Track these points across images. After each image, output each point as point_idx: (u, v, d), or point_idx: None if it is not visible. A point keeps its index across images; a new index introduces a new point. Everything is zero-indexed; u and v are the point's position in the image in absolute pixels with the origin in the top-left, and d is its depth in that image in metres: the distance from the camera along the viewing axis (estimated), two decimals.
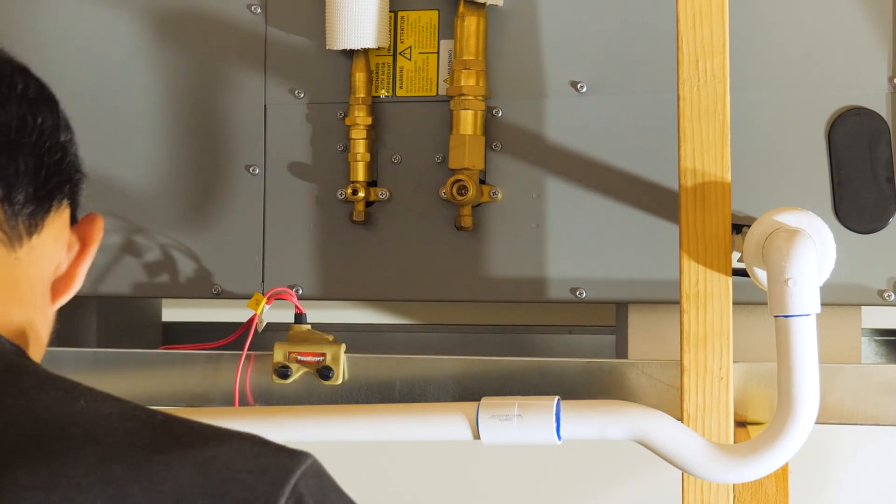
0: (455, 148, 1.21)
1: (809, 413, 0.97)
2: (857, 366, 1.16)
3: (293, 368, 1.20)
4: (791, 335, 0.97)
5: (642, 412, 0.99)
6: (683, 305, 1.04)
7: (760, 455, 0.97)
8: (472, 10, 1.22)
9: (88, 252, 0.75)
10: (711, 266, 1.04)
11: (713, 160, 1.03)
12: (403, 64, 1.26)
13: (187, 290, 1.30)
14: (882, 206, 1.15)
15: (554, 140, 1.23)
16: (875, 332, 1.46)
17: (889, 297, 1.16)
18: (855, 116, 1.16)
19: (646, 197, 1.20)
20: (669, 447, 0.98)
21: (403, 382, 1.22)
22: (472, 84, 1.20)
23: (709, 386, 1.03)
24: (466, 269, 1.25)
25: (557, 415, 1.00)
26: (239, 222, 1.29)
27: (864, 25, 1.17)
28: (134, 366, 1.28)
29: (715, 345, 1.03)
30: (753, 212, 1.12)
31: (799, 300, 0.97)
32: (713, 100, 1.03)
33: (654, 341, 1.26)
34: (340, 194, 1.27)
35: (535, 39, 1.23)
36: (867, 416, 1.15)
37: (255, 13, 1.29)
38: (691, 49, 1.04)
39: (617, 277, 1.21)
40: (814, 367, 0.97)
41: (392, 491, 1.66)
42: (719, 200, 1.04)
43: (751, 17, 1.18)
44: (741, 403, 1.15)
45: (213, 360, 1.25)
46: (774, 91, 1.18)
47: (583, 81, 1.22)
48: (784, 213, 1.02)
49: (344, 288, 1.28)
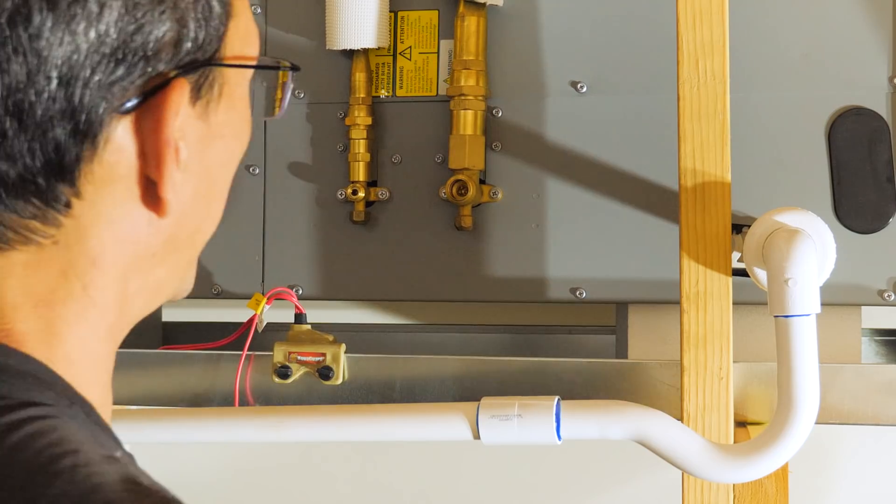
0: (455, 148, 1.21)
1: (809, 413, 0.97)
2: (857, 366, 1.16)
3: (293, 368, 1.20)
4: (791, 335, 0.97)
5: (642, 412, 0.99)
6: (683, 305, 1.04)
7: (760, 455, 0.97)
8: (472, 10, 1.22)
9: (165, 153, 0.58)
10: (711, 266, 1.04)
11: (713, 160, 1.03)
12: (403, 64, 1.26)
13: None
14: (882, 206, 1.15)
15: (554, 140, 1.23)
16: (875, 332, 1.46)
17: (889, 297, 1.16)
18: (855, 116, 1.16)
19: (646, 197, 1.20)
20: (669, 447, 0.98)
21: (403, 382, 1.22)
22: (472, 84, 1.20)
23: (709, 386, 1.03)
24: (466, 269, 1.25)
25: (557, 415, 1.00)
26: (239, 222, 1.29)
27: (864, 25, 1.17)
28: (134, 366, 1.28)
29: (715, 345, 1.03)
30: (753, 212, 1.12)
31: (799, 300, 0.97)
32: (713, 100, 1.03)
33: (654, 341, 1.26)
34: (340, 194, 1.27)
35: (535, 39, 1.23)
36: (867, 416, 1.15)
37: (255, 13, 1.29)
38: (691, 49, 1.04)
39: (617, 277, 1.21)
40: (814, 367, 0.97)
41: (392, 491, 1.66)
42: (719, 200, 1.04)
43: (751, 17, 1.18)
44: (741, 403, 1.15)
45: (213, 360, 1.25)
46: (774, 91, 1.18)
47: (583, 81, 1.22)
48: (784, 213, 1.02)
49: (344, 288, 1.28)
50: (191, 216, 0.63)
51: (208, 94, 0.61)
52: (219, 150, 0.63)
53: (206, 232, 0.66)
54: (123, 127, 0.58)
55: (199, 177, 0.62)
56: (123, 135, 0.58)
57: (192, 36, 0.59)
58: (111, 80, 0.56)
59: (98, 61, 0.56)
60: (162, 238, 0.62)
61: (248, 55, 0.64)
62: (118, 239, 0.60)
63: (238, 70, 0.64)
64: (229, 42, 0.62)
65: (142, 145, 0.58)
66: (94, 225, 0.59)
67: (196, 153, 0.61)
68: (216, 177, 0.64)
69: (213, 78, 0.61)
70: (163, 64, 0.58)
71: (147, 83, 0.58)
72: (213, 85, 0.61)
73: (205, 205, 0.64)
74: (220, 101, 0.62)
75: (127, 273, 0.61)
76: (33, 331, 0.58)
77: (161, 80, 0.58)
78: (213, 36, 0.60)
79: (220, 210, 0.66)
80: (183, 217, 0.62)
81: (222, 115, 0.63)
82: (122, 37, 0.56)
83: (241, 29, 0.63)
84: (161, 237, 0.62)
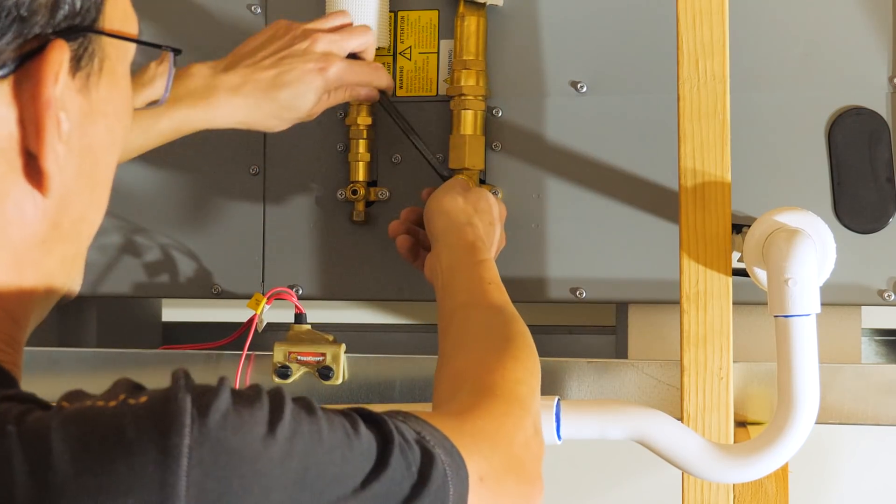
0: (455, 148, 1.21)
1: (809, 413, 0.97)
2: (857, 366, 1.16)
3: (293, 368, 1.20)
4: (791, 335, 0.97)
5: (642, 412, 0.99)
6: (683, 305, 1.04)
7: (760, 455, 0.97)
8: (472, 10, 1.22)
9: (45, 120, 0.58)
10: (711, 266, 1.04)
11: (713, 160, 1.03)
12: (403, 64, 1.26)
13: (187, 290, 1.30)
14: (882, 206, 1.15)
15: (554, 140, 1.23)
16: (875, 332, 1.46)
17: (889, 297, 1.16)
18: (855, 116, 1.16)
19: (646, 197, 1.20)
20: (669, 447, 0.98)
21: (403, 382, 1.22)
22: (472, 84, 1.20)
23: (709, 386, 1.03)
24: None
25: (557, 415, 1.00)
26: (239, 222, 1.29)
27: (864, 25, 1.17)
28: (134, 366, 1.28)
29: (715, 345, 1.03)
30: (753, 212, 1.12)
31: (799, 300, 0.97)
32: (713, 100, 1.03)
33: (654, 341, 1.26)
34: (340, 194, 1.27)
35: (535, 39, 1.23)
36: (867, 416, 1.15)
37: (255, 13, 1.29)
38: (691, 49, 1.04)
39: (617, 277, 1.21)
40: (814, 367, 0.97)
41: None
42: (719, 200, 1.04)
43: (751, 17, 1.18)
44: (741, 403, 1.15)
45: (213, 360, 1.25)
46: (774, 91, 1.18)
47: (583, 81, 1.22)
48: (784, 213, 1.02)
49: (344, 288, 1.28)
50: (75, 200, 0.62)
51: (88, 67, 0.60)
52: (101, 129, 0.63)
53: (91, 222, 0.65)
54: (0, 93, 0.57)
55: (81, 155, 0.61)
56: (0, 102, 0.57)
57: (69, 0, 0.58)
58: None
59: None
60: (48, 222, 0.61)
61: (128, 32, 0.64)
62: (5, 219, 0.59)
63: (118, 46, 0.63)
64: (108, 17, 0.62)
65: (21, 114, 0.57)
66: None
67: (77, 128, 0.60)
68: (99, 159, 0.64)
69: (94, 50, 0.61)
70: (38, 27, 0.57)
71: (23, 46, 0.57)
72: (94, 57, 0.61)
73: (88, 188, 0.63)
74: (100, 76, 0.62)
75: (20, 259, 0.60)
76: None
77: (38, 44, 0.57)
78: (90, 5, 0.60)
79: (104, 198, 0.66)
80: (66, 200, 0.61)
81: (104, 92, 0.62)
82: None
83: (119, 7, 0.63)
84: (47, 221, 0.61)
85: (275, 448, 0.53)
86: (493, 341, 0.90)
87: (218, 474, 0.51)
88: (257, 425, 0.53)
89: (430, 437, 0.65)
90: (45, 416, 0.51)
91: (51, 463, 0.50)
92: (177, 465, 0.50)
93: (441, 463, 0.64)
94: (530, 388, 0.85)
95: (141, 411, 0.51)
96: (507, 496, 0.73)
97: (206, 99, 1.05)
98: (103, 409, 0.52)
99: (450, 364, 0.90)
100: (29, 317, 0.63)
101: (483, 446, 0.72)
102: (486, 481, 0.69)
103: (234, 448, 0.52)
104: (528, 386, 0.85)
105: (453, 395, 0.82)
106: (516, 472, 0.75)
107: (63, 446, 0.50)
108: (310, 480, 0.55)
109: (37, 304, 0.63)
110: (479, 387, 0.82)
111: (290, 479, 0.54)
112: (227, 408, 0.53)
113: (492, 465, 0.71)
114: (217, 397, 0.53)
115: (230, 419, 0.52)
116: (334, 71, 1.09)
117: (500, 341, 0.90)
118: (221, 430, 0.52)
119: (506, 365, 0.85)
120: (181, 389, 0.52)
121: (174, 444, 0.50)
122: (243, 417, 0.53)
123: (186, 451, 0.50)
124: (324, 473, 0.55)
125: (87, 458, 0.50)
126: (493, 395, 0.80)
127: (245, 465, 0.52)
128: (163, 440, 0.50)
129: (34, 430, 0.51)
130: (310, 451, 0.55)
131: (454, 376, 0.87)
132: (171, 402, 0.52)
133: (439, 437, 0.66)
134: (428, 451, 0.63)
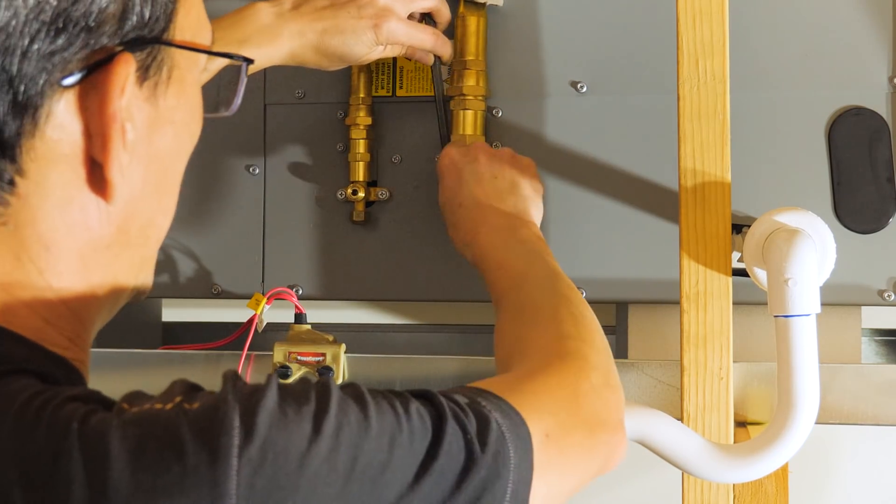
0: None
1: (809, 413, 0.97)
2: (857, 366, 1.16)
3: (293, 368, 1.20)
4: (791, 335, 0.97)
5: (642, 412, 0.99)
6: (683, 305, 1.04)
7: (760, 455, 0.97)
8: (472, 10, 1.22)
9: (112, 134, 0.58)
10: (711, 266, 1.04)
11: (713, 160, 1.03)
12: (403, 64, 1.26)
13: (187, 290, 1.30)
14: (882, 206, 1.15)
15: (554, 140, 1.23)
16: (875, 332, 1.46)
17: (889, 297, 1.16)
18: (855, 116, 1.16)
19: (646, 197, 1.20)
20: (669, 447, 0.98)
21: (403, 382, 1.22)
22: (472, 84, 1.20)
23: (709, 386, 1.03)
24: (466, 269, 1.25)
25: None
26: (239, 222, 1.29)
27: (864, 25, 1.17)
28: (134, 366, 1.28)
29: (715, 345, 1.03)
30: (753, 212, 1.12)
31: (799, 300, 0.97)
32: (713, 100, 1.03)
33: (654, 341, 1.26)
34: (340, 194, 1.27)
35: (535, 39, 1.23)
36: (867, 416, 1.15)
37: None
38: (691, 49, 1.04)
39: (617, 277, 1.21)
40: (814, 367, 0.97)
41: None
42: (719, 200, 1.04)
43: (751, 17, 1.18)
44: (741, 403, 1.15)
45: (213, 360, 1.25)
46: (774, 91, 1.18)
47: (583, 81, 1.22)
48: (784, 213, 1.02)
49: (344, 288, 1.28)
50: (141, 206, 0.62)
51: (156, 76, 0.61)
52: (168, 137, 0.63)
53: (159, 227, 0.65)
54: (66, 102, 0.57)
55: (147, 163, 0.62)
56: (66, 111, 0.57)
57: (138, 11, 0.58)
58: (51, 50, 0.55)
59: (37, 29, 0.55)
60: (113, 227, 0.61)
61: (199, 43, 0.64)
62: (69, 223, 0.59)
63: (188, 55, 0.63)
64: (179, 27, 0.62)
65: (87, 124, 0.58)
66: (41, 207, 0.58)
67: (144, 136, 0.60)
68: (167, 166, 0.64)
69: (162, 59, 0.61)
70: (106, 38, 0.57)
71: (90, 57, 0.57)
72: (162, 67, 0.61)
73: (156, 196, 0.63)
74: (168, 85, 0.62)
75: (86, 262, 0.60)
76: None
77: (105, 55, 0.57)
78: (159, 15, 0.60)
79: (172, 204, 0.66)
80: (133, 206, 0.61)
81: (172, 100, 0.62)
82: (62, 4, 0.55)
83: (192, 16, 0.63)
84: (112, 226, 0.61)
85: (321, 443, 0.54)
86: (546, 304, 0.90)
87: (266, 472, 0.53)
88: (304, 422, 0.55)
89: (485, 402, 0.65)
90: (107, 418, 0.53)
91: (109, 463, 0.52)
92: (227, 465, 0.52)
93: (497, 426, 0.63)
94: (589, 342, 0.84)
95: (193, 415, 0.53)
96: (578, 448, 0.72)
97: (271, 42, 1.07)
98: (160, 412, 0.54)
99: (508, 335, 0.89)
100: (95, 317, 0.64)
101: (544, 402, 0.71)
102: (552, 437, 0.69)
103: (280, 446, 0.53)
104: (585, 341, 0.84)
105: (513, 363, 0.82)
106: (586, 423, 0.74)
107: (121, 446, 0.52)
108: (359, 471, 0.56)
109: (104, 306, 0.64)
110: (536, 349, 0.81)
111: (339, 473, 0.55)
112: (273, 407, 0.54)
113: (558, 419, 0.71)
114: (264, 397, 0.54)
115: (277, 418, 0.54)
116: (388, 27, 1.10)
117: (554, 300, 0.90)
118: (268, 430, 0.53)
119: (562, 322, 0.85)
120: (230, 391, 0.55)
121: (224, 444, 0.52)
122: (289, 416, 0.54)
123: (236, 452, 0.52)
124: (372, 462, 0.56)
125: (143, 459, 0.52)
126: (552, 355, 0.80)
127: (291, 462, 0.53)
128: (213, 442, 0.52)
129: (96, 431, 0.53)
130: (358, 442, 0.56)
131: (512, 344, 0.86)
132: (220, 405, 0.54)
133: (494, 400, 0.66)
134: (483, 416, 0.63)
